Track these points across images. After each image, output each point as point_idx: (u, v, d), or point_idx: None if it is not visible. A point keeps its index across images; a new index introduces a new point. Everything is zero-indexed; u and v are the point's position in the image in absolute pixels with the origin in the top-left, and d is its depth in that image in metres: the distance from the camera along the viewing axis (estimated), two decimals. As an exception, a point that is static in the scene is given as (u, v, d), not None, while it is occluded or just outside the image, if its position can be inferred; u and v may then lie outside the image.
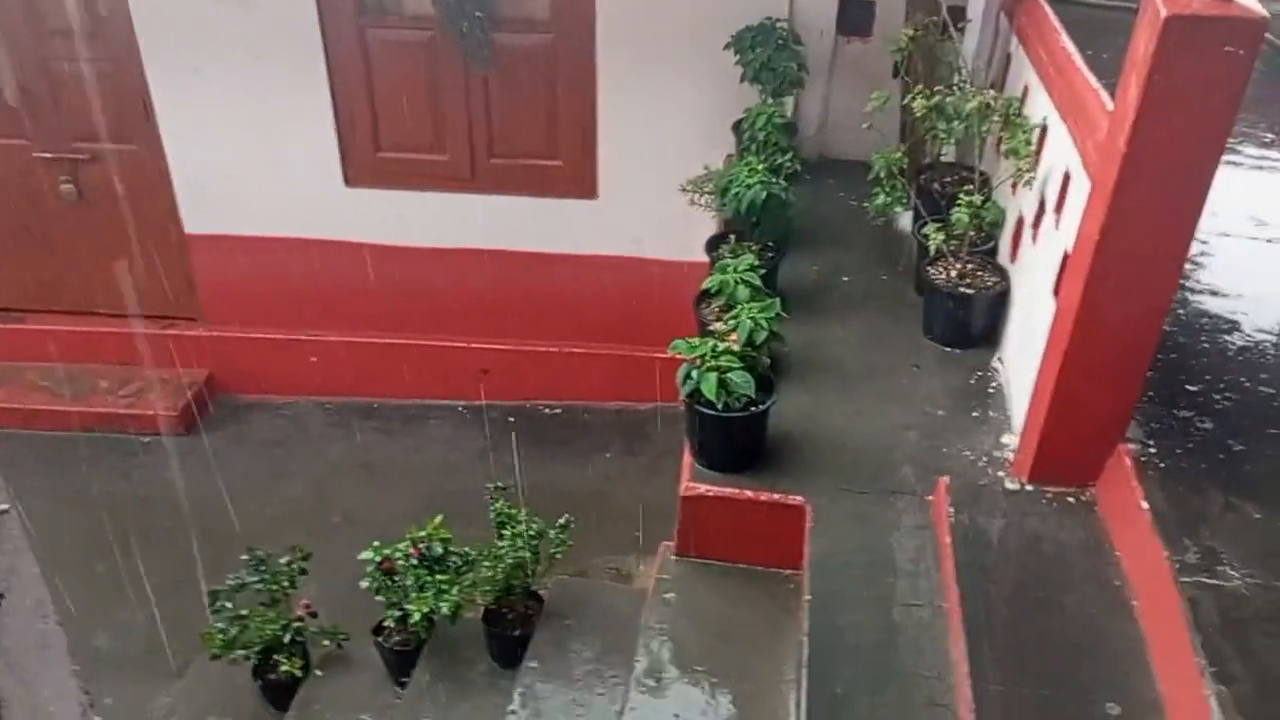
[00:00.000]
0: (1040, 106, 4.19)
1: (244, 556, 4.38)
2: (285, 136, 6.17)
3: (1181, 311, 3.95)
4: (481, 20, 5.72)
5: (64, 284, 6.71)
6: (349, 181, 6.34)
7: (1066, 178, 3.75)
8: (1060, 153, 3.86)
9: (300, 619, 4.39)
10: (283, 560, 4.38)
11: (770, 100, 5.31)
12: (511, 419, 6.86)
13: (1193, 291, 4.15)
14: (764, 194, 4.49)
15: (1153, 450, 3.31)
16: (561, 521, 4.24)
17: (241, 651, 4.24)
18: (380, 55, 5.97)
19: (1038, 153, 4.11)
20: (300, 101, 6.05)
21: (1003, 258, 4.53)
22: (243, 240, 6.51)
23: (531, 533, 4.13)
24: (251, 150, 6.22)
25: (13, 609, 1.03)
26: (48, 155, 6.29)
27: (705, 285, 4.31)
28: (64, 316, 6.78)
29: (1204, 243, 4.38)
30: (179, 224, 6.47)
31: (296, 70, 5.95)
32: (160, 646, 5.10)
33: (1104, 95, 3.45)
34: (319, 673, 4.44)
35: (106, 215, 6.48)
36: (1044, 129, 4.13)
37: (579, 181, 6.26)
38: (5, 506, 0.99)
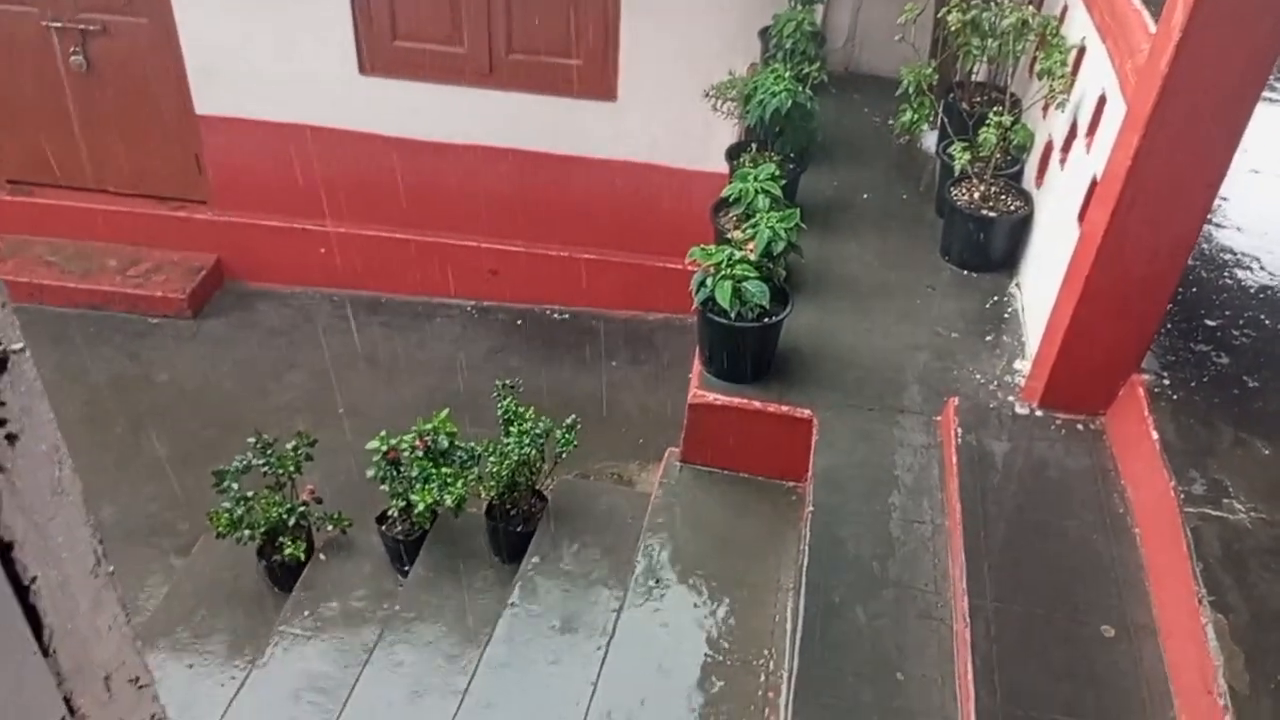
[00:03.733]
0: (1079, 26, 4.08)
1: (250, 439, 4.40)
2: (301, 19, 6.02)
3: (1205, 246, 3.91)
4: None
5: (73, 159, 6.62)
6: (364, 69, 6.20)
7: (1101, 101, 3.66)
8: (1097, 75, 3.76)
9: (305, 504, 4.43)
10: (288, 445, 4.40)
11: (800, 7, 5.15)
12: (519, 322, 6.84)
13: (1218, 227, 4.09)
14: (789, 103, 4.40)
15: (1166, 382, 3.30)
16: (568, 421, 4.25)
17: (247, 532, 4.29)
18: (401, -59, 5.79)
19: (1073, 74, 4.01)
20: (316, -18, 5.89)
21: (1028, 182, 4.46)
22: (253, 124, 6.40)
23: (538, 431, 4.14)
24: (266, 31, 6.07)
25: (27, 451, 1.01)
26: (57, 24, 6.14)
27: (724, 193, 4.24)
28: (73, 192, 6.70)
29: (1233, 179, 4.29)
30: (189, 103, 6.35)
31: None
32: (165, 524, 5.18)
33: (1147, 16, 3.35)
34: (322, 557, 4.50)
35: (116, 89, 6.36)
36: (1081, 50, 4.02)
37: (598, 82, 6.12)
38: (20, 345, 0.96)
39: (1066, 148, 4.00)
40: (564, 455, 4.25)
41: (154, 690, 1.34)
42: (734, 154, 4.87)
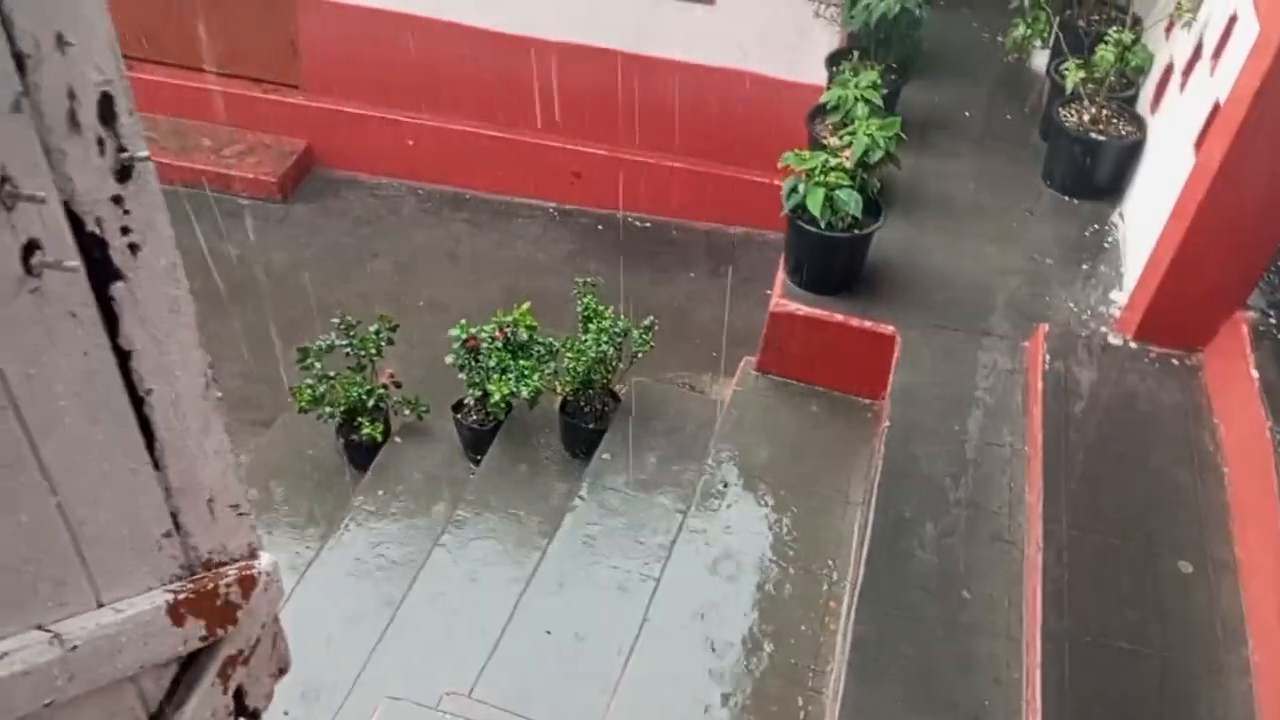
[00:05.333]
0: (1216, -60, 3.83)
1: (334, 320, 4.48)
2: (401, -98, 5.94)
3: (1330, 181, 3.69)
4: None
5: (171, 35, 6.67)
6: (461, -43, 6.12)
7: (1231, 21, 3.45)
8: (1230, -7, 3.54)
9: (384, 386, 4.52)
10: (371, 328, 4.47)
11: (916, -90, 4.92)
12: (600, 227, 6.80)
13: (1346, 163, 3.86)
14: (897, 8, 4.23)
15: (1272, 320, 3.16)
16: (646, 322, 4.25)
17: (327, 409, 4.40)
18: None
19: (1204, -9, 3.78)
20: None
21: (1142, 106, 4.25)
22: (349, 8, 6.37)
23: (617, 329, 4.14)
24: (365, -87, 6.01)
25: (148, 264, 1.03)
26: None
27: (823, 99, 4.13)
28: (170, 68, 6.78)
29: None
30: (289, -17, 6.35)
31: None
32: (247, 399, 5.33)
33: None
34: (398, 440, 4.60)
35: (216, -34, 6.38)
36: (1216, -34, 3.78)
37: (698, -18, 5.95)
38: (145, 153, 0.97)
39: (1188, 70, 3.79)
40: (640, 356, 4.25)
41: (252, 520, 1.39)
42: (834, 61, 4.72)
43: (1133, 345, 3.43)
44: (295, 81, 6.75)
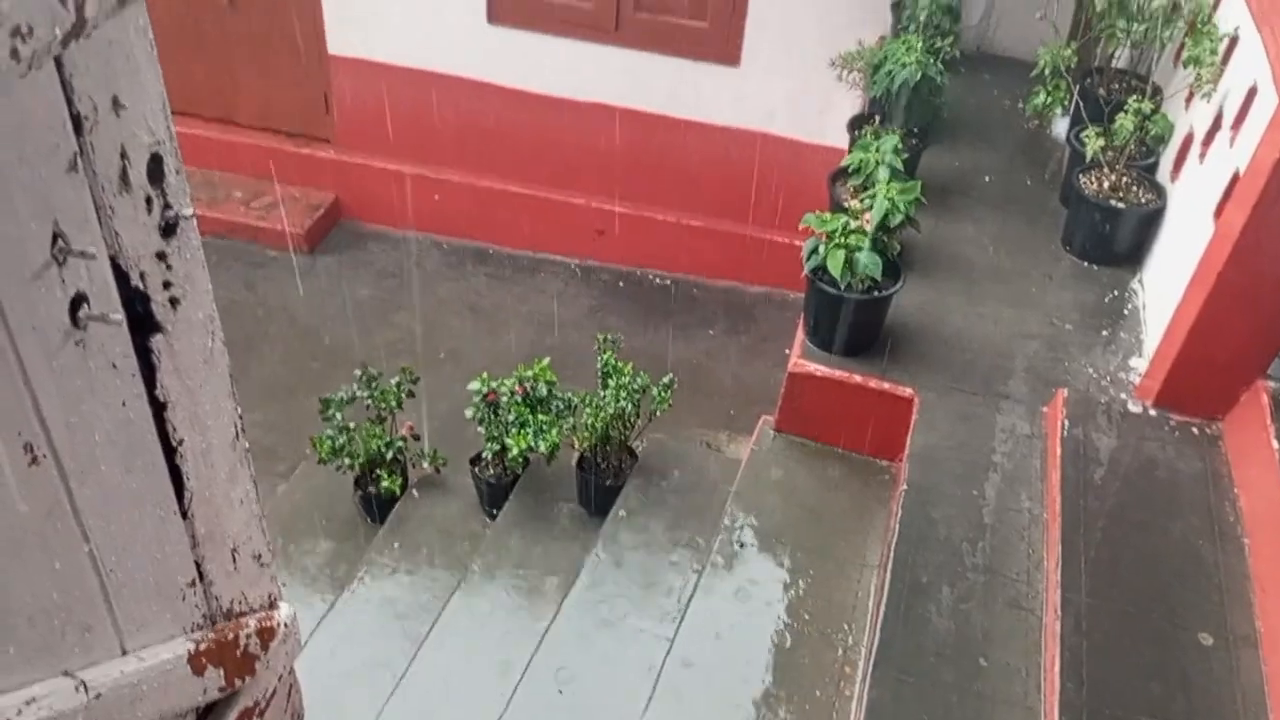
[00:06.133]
0: (1233, 14, 3.89)
1: (356, 372, 4.53)
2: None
3: (1350, 253, 3.70)
4: None
5: (208, 89, 6.85)
6: (492, 18, 6.26)
7: (1251, 93, 3.50)
8: (1248, 65, 3.59)
9: (403, 439, 4.55)
10: (392, 381, 4.51)
11: (937, -20, 5.02)
12: (621, 283, 6.87)
13: (1366, 235, 3.87)
14: (918, 75, 4.31)
15: (1293, 390, 3.16)
16: (665, 380, 4.27)
17: (346, 460, 4.43)
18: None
19: (1222, 64, 3.83)
20: (453, -70, 5.96)
21: (1162, 175, 4.28)
22: (381, 67, 6.53)
23: (635, 386, 4.16)
24: (400, -24, 6.18)
25: (187, 316, 1.06)
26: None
27: (844, 162, 4.19)
28: (206, 121, 6.94)
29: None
30: (324, 43, 6.51)
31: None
32: (268, 449, 5.37)
33: (1312, 7, 3.18)
34: (415, 493, 4.62)
35: (256, 25, 6.55)
36: (1233, 39, 3.84)
37: (723, 46, 6.06)
38: (190, 211, 1.02)
39: (1208, 140, 3.83)
40: (658, 413, 4.27)
41: (274, 571, 1.41)
42: (856, 125, 4.79)
43: (1152, 413, 3.42)
44: (326, 136, 6.90)
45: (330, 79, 6.66)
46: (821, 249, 3.69)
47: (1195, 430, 3.35)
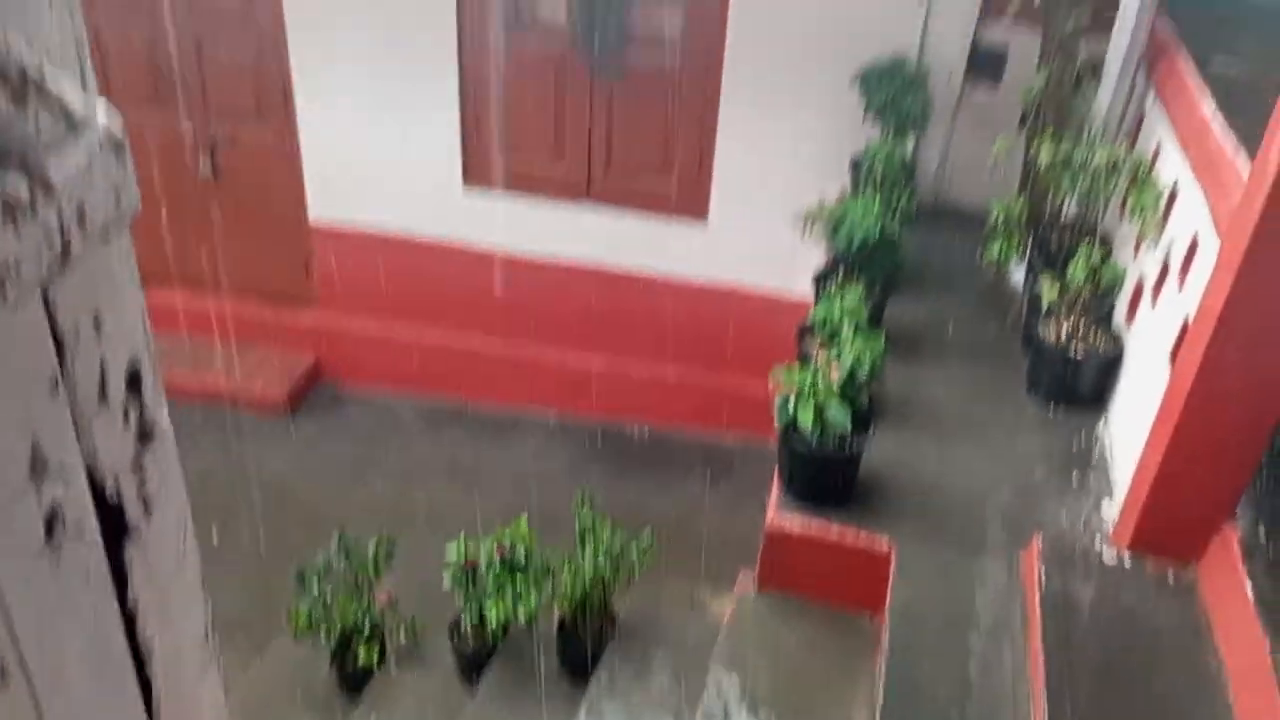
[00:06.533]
0: (1173, 167, 4.10)
1: (333, 541, 4.49)
2: (412, 133, 6.36)
3: (1305, 392, 3.80)
4: (614, 36, 5.82)
5: (190, 257, 6.99)
6: (467, 181, 6.50)
7: (1194, 242, 3.65)
8: (1190, 216, 3.76)
9: (381, 609, 4.48)
10: (369, 548, 4.48)
11: (891, 139, 5.28)
12: (599, 437, 6.91)
13: (1319, 373, 3.98)
14: (877, 232, 4.47)
15: (1261, 534, 3.18)
16: (644, 541, 4.26)
17: (324, 633, 4.34)
18: (512, 61, 6.11)
19: (1165, 214, 4.01)
20: (430, 100, 6.24)
21: (1117, 320, 4.42)
22: (361, 234, 6.72)
23: (614, 547, 4.15)
24: (379, 144, 6.43)
25: (160, 521, 1.09)
26: (190, 133, 6.59)
27: (810, 317, 4.30)
28: (186, 288, 7.05)
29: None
30: (304, 210, 6.71)
31: (430, 70, 6.14)
32: (242, 621, 5.26)
33: (1243, 160, 3.36)
34: (394, 666, 4.52)
35: (238, 195, 6.76)
36: (1174, 190, 4.03)
37: (691, 204, 6.30)
38: (167, 421, 1.06)
39: (1158, 287, 3.98)
40: (638, 574, 4.24)
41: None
42: (821, 280, 4.93)
43: (1128, 560, 3.43)
44: (307, 299, 7.03)
45: (311, 245, 6.83)
46: (792, 403, 3.75)
47: (1171, 578, 3.35)
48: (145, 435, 1.17)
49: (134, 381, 1.14)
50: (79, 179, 0.93)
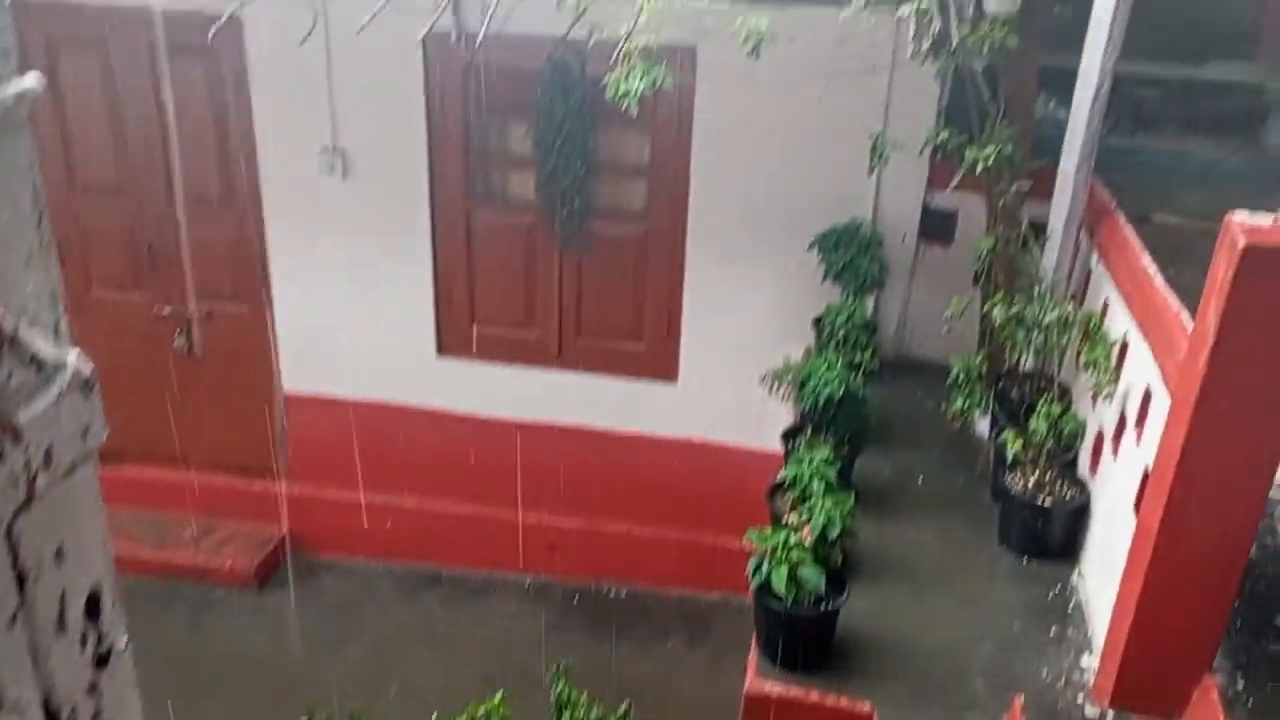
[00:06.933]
0: (1121, 322, 4.24)
1: (303, 718, 4.37)
2: (387, 305, 6.50)
3: (1270, 540, 3.85)
4: (580, 208, 6.05)
5: (163, 432, 6.99)
6: (441, 351, 6.61)
7: (1147, 394, 3.76)
8: (1141, 369, 3.88)
9: (352, 791, 4.32)
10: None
11: (851, 299, 5.45)
12: (575, 598, 6.82)
13: (1282, 518, 4.04)
14: (841, 390, 4.57)
15: (1240, 685, 3.18)
16: (622, 710, 4.17)
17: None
18: (483, 234, 6.33)
19: (1118, 367, 4.13)
20: (404, 273, 6.41)
21: (1082, 470, 4.49)
22: (334, 403, 6.77)
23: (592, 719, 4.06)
24: (354, 316, 6.55)
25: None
26: (168, 311, 6.70)
27: (780, 477, 4.34)
28: (158, 464, 7.03)
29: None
30: (279, 382, 6.77)
31: (404, 244, 6.33)
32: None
33: (1185, 316, 3.49)
34: None
35: (213, 369, 6.82)
36: (1124, 344, 4.17)
37: (661, 365, 6.42)
38: (125, 643, 1.08)
39: (1117, 437, 4.06)
40: (617, 747, 4.13)
41: None
42: (789, 437, 5.00)
43: (1110, 715, 3.39)
44: (277, 470, 7.00)
45: (285, 415, 6.86)
46: (765, 565, 3.75)
47: (1155, 732, 3.32)
48: (102, 660, 1.19)
49: (93, 606, 1.17)
50: (47, 423, 0.98)
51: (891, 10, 4.21)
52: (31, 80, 0.92)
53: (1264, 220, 2.90)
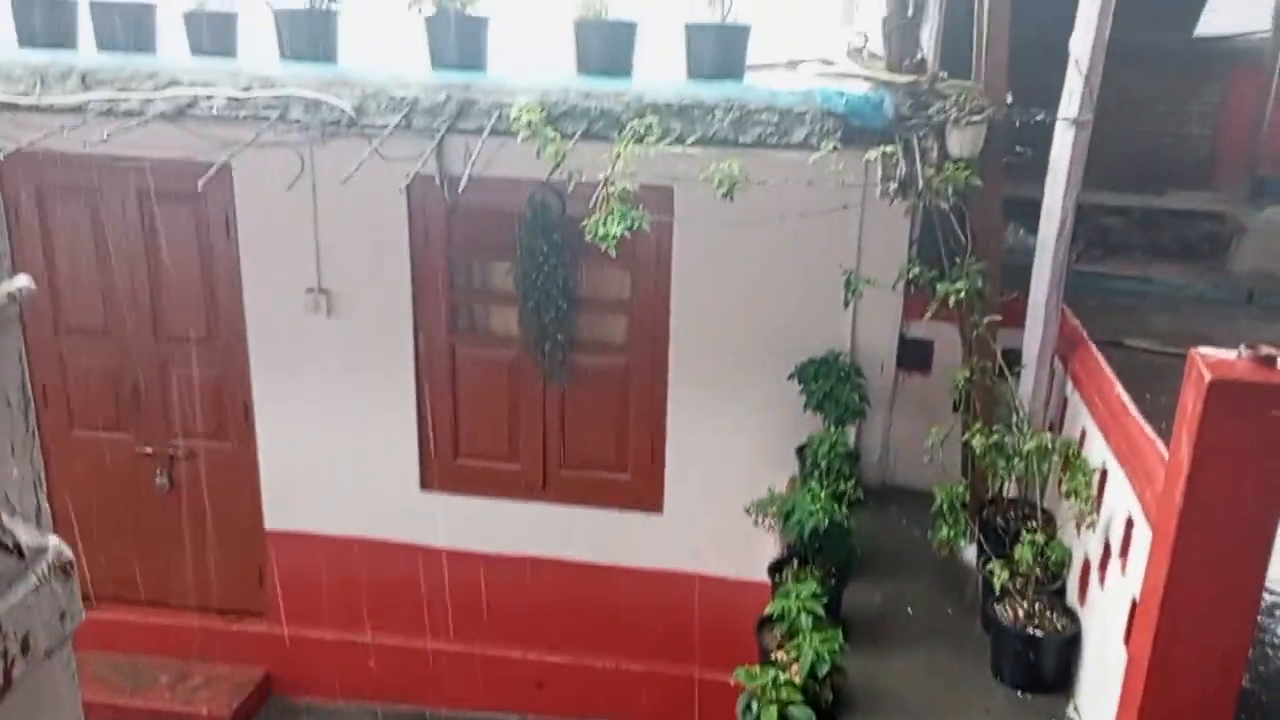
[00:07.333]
0: (1098, 450, 4.28)
1: None
2: (370, 441, 6.50)
3: (1262, 668, 3.81)
4: (563, 342, 6.13)
5: (141, 574, 6.88)
6: (425, 485, 6.58)
7: (1129, 523, 3.77)
8: (1121, 497, 3.90)
9: None
10: None
11: (833, 428, 5.49)
12: (564, 736, 6.63)
13: (1274, 647, 4.01)
14: (825, 522, 4.56)
15: (1244, 822, 3.10)
16: None
17: None
18: (467, 369, 6.39)
19: (1099, 495, 4.15)
20: (388, 409, 6.43)
21: (1071, 598, 4.46)
22: (317, 539, 6.70)
23: None
24: (337, 452, 6.54)
25: None
26: (149, 450, 6.68)
27: (767, 611, 4.30)
28: (135, 606, 6.89)
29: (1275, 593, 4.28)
30: (260, 520, 6.71)
31: (388, 380, 6.38)
32: None
33: (1160, 445, 3.54)
34: None
35: (193, 508, 6.76)
36: (1104, 473, 4.20)
37: (646, 496, 6.41)
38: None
39: (1103, 566, 4.05)
40: None
41: None
42: (776, 569, 4.97)
43: None
44: (259, 610, 6.89)
45: (266, 554, 6.78)
46: (755, 705, 3.69)
47: None
48: None
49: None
50: (25, 611, 0.99)
51: (859, 153, 4.38)
52: (23, 280, 0.96)
53: (1227, 354, 2.97)
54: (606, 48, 4.78)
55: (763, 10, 5.20)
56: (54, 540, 1.01)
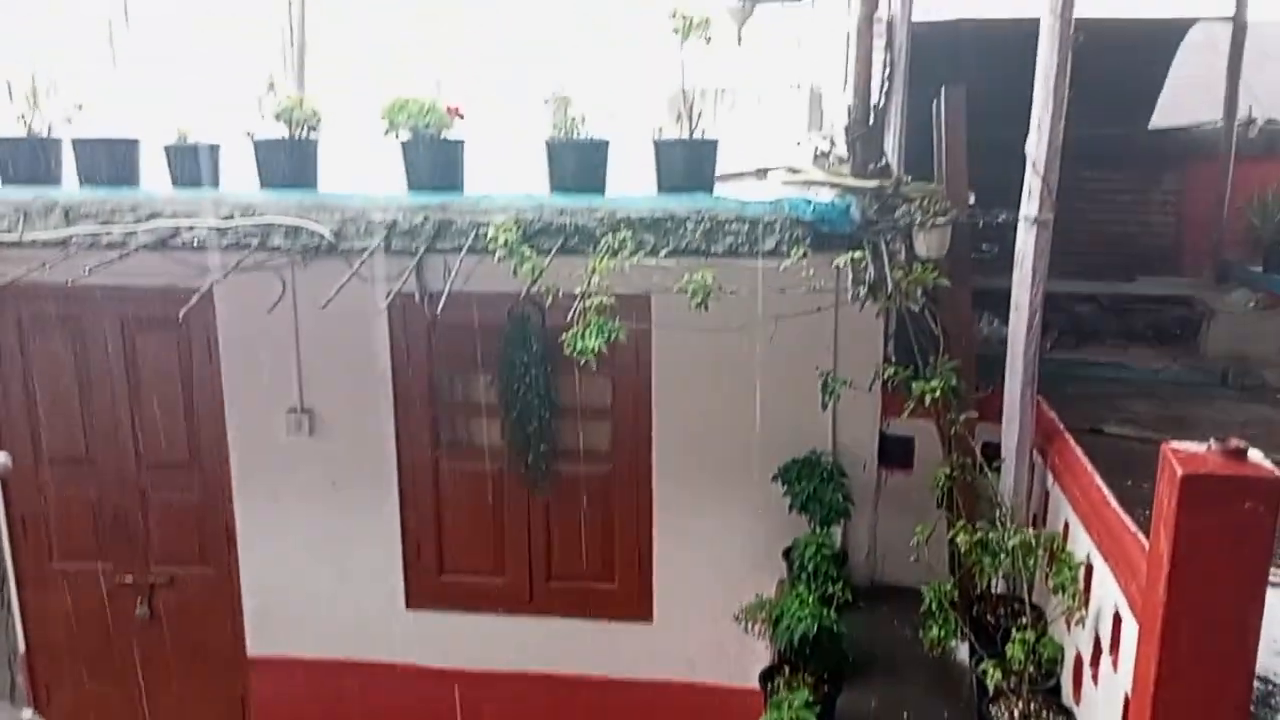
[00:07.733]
0: (1082, 543, 4.29)
1: None
2: (353, 560, 6.44)
3: (1261, 761, 3.76)
4: (545, 452, 6.13)
5: (122, 706, 6.72)
6: (410, 603, 6.50)
7: (1117, 617, 3.75)
8: (1107, 591, 3.89)
9: None
10: None
11: (818, 529, 5.48)
12: None
13: (1272, 735, 3.96)
14: (815, 627, 4.52)
15: None
16: None
17: None
18: (450, 483, 6.37)
19: (1085, 589, 4.14)
20: (371, 527, 6.38)
21: (1066, 697, 4.40)
22: (300, 663, 6.57)
23: None
24: (320, 573, 6.46)
25: None
26: (129, 580, 6.58)
27: (759, 724, 4.22)
28: (114, 740, 6.72)
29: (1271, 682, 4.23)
30: (243, 645, 6.59)
31: (371, 498, 6.35)
32: None
33: (1141, 538, 3.55)
34: None
35: (174, 636, 6.64)
36: (1089, 566, 4.19)
37: (635, 605, 6.34)
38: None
39: (1095, 662, 4.02)
40: None
41: None
42: (768, 677, 4.90)
43: None
44: (242, 739, 6.71)
45: (249, 680, 6.64)
46: (752, 825, 3.60)
47: None
48: None
49: None
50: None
51: (830, 258, 4.49)
52: (1, 458, 0.98)
53: (1198, 448, 3.01)
54: (579, 165, 4.90)
55: (729, 120, 5.37)
56: (28, 714, 1.02)
